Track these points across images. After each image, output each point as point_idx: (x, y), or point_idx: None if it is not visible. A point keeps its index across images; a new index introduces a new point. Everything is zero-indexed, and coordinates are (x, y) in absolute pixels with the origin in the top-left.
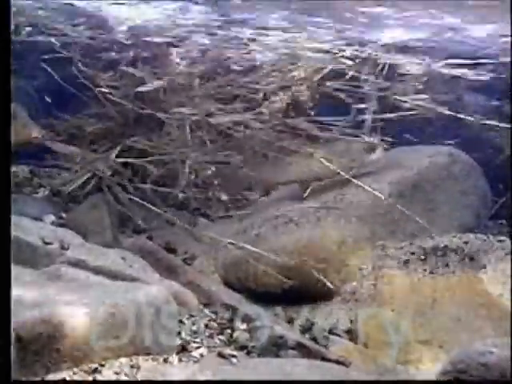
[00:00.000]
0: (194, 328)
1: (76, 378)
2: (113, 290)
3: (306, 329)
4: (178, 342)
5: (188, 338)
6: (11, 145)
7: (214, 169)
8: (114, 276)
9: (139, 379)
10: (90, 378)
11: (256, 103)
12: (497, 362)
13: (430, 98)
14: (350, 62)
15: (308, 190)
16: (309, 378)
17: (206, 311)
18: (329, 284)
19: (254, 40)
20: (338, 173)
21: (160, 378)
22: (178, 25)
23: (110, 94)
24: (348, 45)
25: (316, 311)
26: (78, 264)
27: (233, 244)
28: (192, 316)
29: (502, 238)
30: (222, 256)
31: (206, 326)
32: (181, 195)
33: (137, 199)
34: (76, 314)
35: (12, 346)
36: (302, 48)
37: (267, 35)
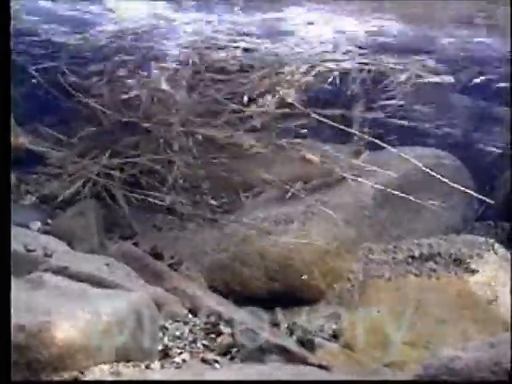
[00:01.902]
0: (178, 333)
1: None
2: (94, 297)
3: (292, 332)
4: (161, 347)
5: (171, 343)
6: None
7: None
8: (97, 283)
9: None
10: None
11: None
12: (463, 367)
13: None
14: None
15: (290, 192)
16: None
17: (191, 316)
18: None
19: None
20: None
21: None
22: None
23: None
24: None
25: (302, 314)
26: (60, 271)
27: None
28: (176, 321)
29: (489, 239)
30: (209, 260)
31: (190, 331)
32: (168, 200)
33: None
34: (55, 323)
35: None
36: None
37: None
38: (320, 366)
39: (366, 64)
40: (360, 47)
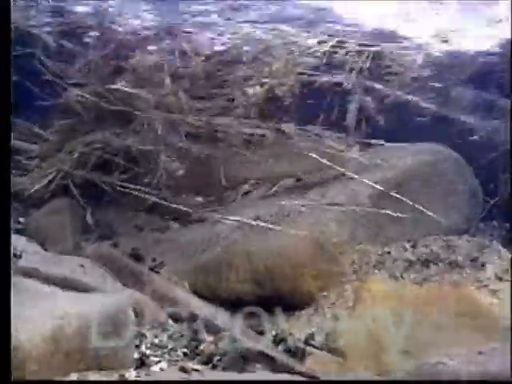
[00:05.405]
0: (156, 341)
1: None
2: (64, 300)
3: (280, 340)
4: (137, 355)
5: (148, 351)
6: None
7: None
8: (69, 285)
9: None
10: None
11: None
12: (449, 373)
13: None
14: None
15: (275, 188)
16: None
17: (171, 322)
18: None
19: None
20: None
21: None
22: None
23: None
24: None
25: (291, 321)
26: (30, 273)
27: None
28: (155, 328)
29: (493, 242)
30: (192, 262)
31: (170, 338)
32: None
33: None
34: (20, 328)
35: None
36: None
37: None
38: (308, 376)
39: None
40: None
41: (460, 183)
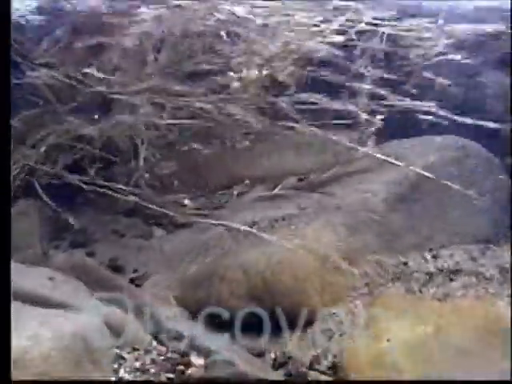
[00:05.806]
0: (137, 365)
1: None
2: (30, 319)
3: (280, 364)
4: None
5: (128, 376)
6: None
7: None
8: (36, 301)
9: None
10: None
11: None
12: None
13: None
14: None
15: (278, 188)
16: None
17: (155, 343)
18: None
19: None
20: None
21: None
22: None
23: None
24: None
25: (293, 341)
26: None
27: None
28: (136, 350)
29: None
30: (180, 274)
31: (153, 361)
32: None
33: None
34: None
35: None
36: None
37: None
38: None
39: None
40: None
41: (489, 184)
